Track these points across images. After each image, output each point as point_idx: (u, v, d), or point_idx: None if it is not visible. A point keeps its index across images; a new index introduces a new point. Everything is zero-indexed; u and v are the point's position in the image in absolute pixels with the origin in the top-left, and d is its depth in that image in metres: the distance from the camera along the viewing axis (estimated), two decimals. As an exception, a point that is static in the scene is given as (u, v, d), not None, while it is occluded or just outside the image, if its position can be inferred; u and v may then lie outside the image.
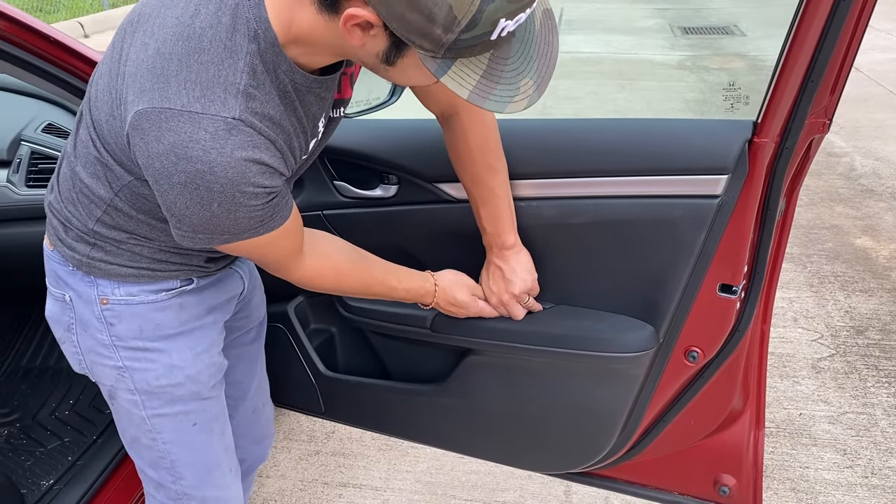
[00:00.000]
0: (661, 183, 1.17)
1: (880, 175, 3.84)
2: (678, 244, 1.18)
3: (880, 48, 6.13)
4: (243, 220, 0.88)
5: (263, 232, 0.92)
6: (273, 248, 0.98)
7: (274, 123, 0.86)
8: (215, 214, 0.85)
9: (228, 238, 0.90)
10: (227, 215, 0.85)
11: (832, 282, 2.91)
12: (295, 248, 1.03)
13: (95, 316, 1.09)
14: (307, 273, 1.07)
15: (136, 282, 1.08)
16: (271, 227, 0.93)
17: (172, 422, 1.16)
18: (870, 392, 2.31)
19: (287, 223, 0.95)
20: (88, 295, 1.09)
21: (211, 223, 0.86)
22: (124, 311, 1.09)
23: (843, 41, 1.02)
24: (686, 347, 1.26)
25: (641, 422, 1.34)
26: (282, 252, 1.01)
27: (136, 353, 1.11)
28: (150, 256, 1.07)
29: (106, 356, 1.12)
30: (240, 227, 0.88)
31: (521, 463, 1.51)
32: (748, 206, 1.15)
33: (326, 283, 1.12)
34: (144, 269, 1.08)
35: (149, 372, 1.12)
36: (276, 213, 0.92)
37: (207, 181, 0.81)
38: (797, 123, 1.08)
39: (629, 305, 1.27)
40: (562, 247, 1.27)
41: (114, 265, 1.07)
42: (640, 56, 6.12)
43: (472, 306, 1.27)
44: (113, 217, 1.02)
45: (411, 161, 1.30)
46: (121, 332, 1.10)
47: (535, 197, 1.25)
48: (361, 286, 1.15)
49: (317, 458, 2.12)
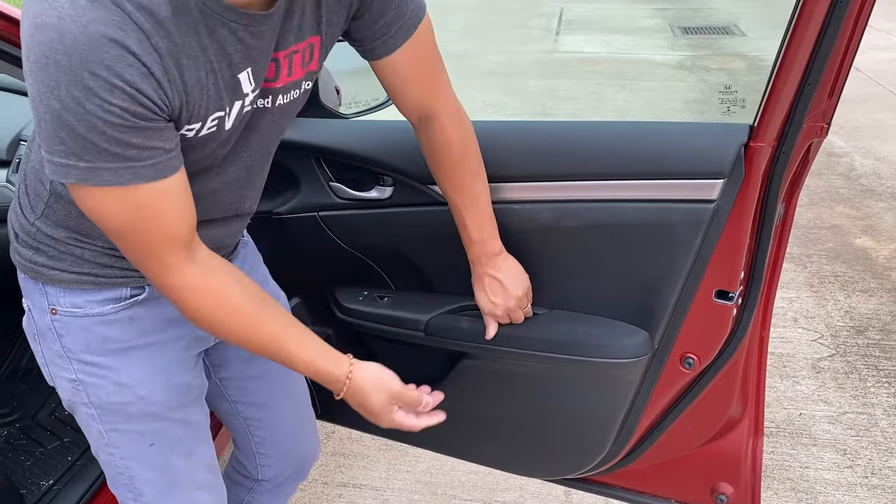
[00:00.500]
0: (656, 187, 1.16)
1: (880, 175, 3.84)
2: (673, 249, 1.17)
3: (880, 48, 6.12)
4: (99, 132, 0.74)
5: (130, 177, 0.77)
6: (147, 217, 0.82)
7: (157, 23, 0.75)
8: (66, 107, 0.72)
9: (88, 167, 0.76)
10: (77, 111, 0.72)
11: (832, 282, 2.91)
12: (178, 234, 0.85)
13: (48, 326, 1.04)
14: (186, 283, 0.89)
15: (79, 289, 1.01)
16: (143, 175, 0.78)
17: (128, 438, 1.08)
18: (870, 392, 2.31)
19: (169, 183, 0.81)
20: (41, 303, 1.03)
21: (62, 125, 0.73)
22: (71, 322, 1.02)
23: (841, 43, 1.00)
24: (682, 354, 1.25)
25: (637, 428, 1.33)
26: (159, 230, 0.84)
27: (87, 367, 1.04)
28: (92, 261, 1.00)
29: (62, 367, 1.05)
30: (97, 145, 0.74)
31: (515, 468, 1.49)
32: (744, 211, 1.13)
33: (203, 310, 0.91)
34: (87, 276, 1.00)
35: (100, 388, 1.05)
36: (149, 153, 0.78)
37: (55, 53, 0.70)
38: (794, 127, 1.06)
39: (624, 311, 1.25)
40: (556, 251, 1.26)
41: (56, 270, 1.00)
42: (640, 56, 6.12)
43: (383, 417, 1.07)
44: (55, 210, 0.97)
45: (406, 162, 1.29)
46: (69, 345, 1.03)
47: (529, 200, 1.24)
48: (247, 335, 0.95)
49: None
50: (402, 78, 1.06)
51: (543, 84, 5.47)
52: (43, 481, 1.71)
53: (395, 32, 1.00)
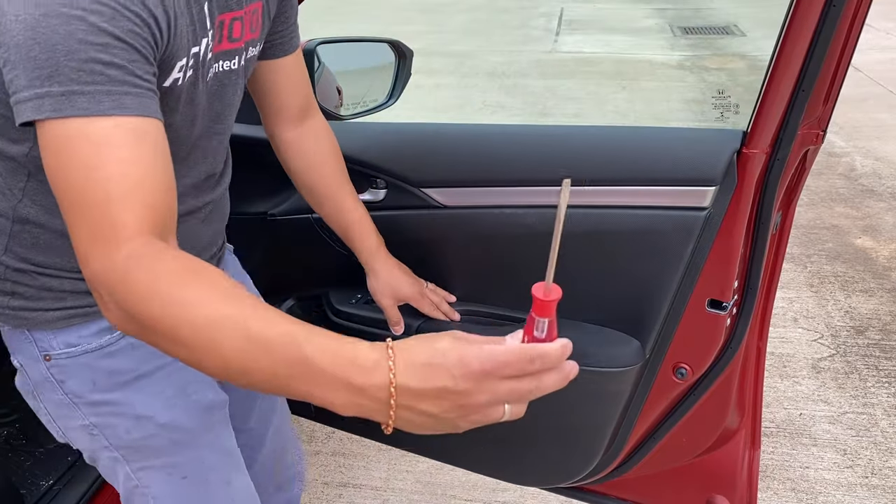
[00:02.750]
0: (647, 193, 1.14)
1: (880, 175, 3.84)
2: (665, 257, 1.15)
3: (880, 48, 6.13)
4: (79, 40, 0.64)
5: (108, 104, 0.66)
6: (114, 160, 0.66)
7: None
8: (48, 10, 0.63)
9: (62, 92, 0.65)
10: (59, 12, 0.64)
11: (832, 282, 2.91)
12: (134, 187, 0.67)
13: (44, 376, 0.94)
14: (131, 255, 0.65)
15: (68, 326, 0.91)
16: (124, 105, 0.67)
17: (160, 475, 0.99)
18: (870, 392, 2.31)
19: (150, 124, 0.69)
20: (31, 353, 0.93)
21: (38, 38, 0.63)
22: (69, 364, 0.93)
23: (836, 47, 0.99)
24: (674, 364, 1.23)
25: (630, 438, 1.31)
26: (125, 181, 0.66)
27: (99, 408, 0.95)
28: (73, 290, 0.90)
29: (71, 416, 0.96)
30: (75, 57, 0.64)
31: (506, 475, 1.48)
32: (737, 219, 1.11)
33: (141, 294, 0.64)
34: (73, 309, 0.91)
35: (118, 427, 0.95)
36: (133, 80, 0.68)
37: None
38: (788, 134, 1.04)
39: (615, 319, 1.23)
40: (546, 257, 1.26)
41: (38, 311, 0.90)
42: (640, 56, 6.12)
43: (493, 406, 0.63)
44: (21, 240, 0.87)
45: (399, 166, 1.28)
46: (74, 389, 0.94)
47: (518, 205, 1.22)
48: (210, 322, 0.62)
49: (317, 458, 2.12)
50: (294, 80, 1.11)
51: (543, 84, 5.47)
52: (43, 481, 1.71)
53: (294, 34, 1.08)
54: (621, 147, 1.19)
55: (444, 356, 0.60)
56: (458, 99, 5.20)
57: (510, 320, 1.30)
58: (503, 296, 1.31)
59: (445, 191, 1.25)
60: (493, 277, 1.30)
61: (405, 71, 1.64)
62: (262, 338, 0.61)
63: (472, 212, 1.26)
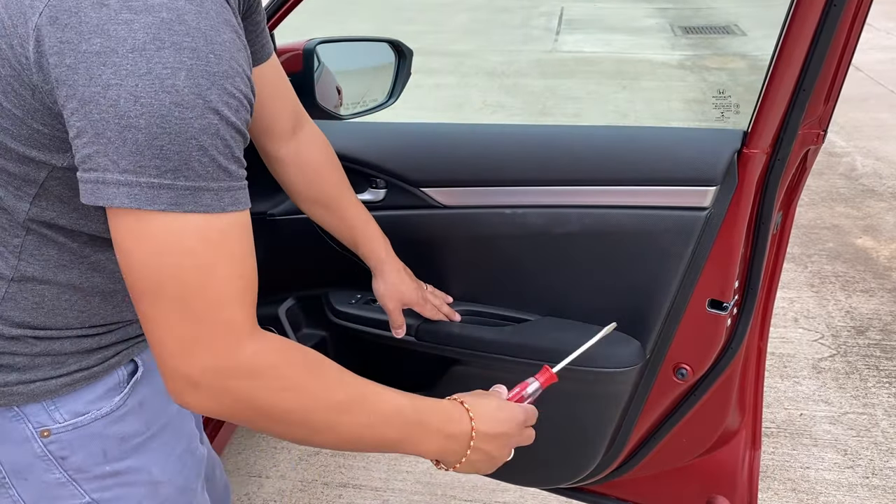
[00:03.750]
0: (648, 193, 1.14)
1: (881, 175, 3.84)
2: (665, 257, 1.15)
3: (880, 48, 6.12)
4: (212, 136, 0.60)
5: (229, 202, 0.62)
6: (230, 252, 0.64)
7: None
8: (181, 101, 0.58)
9: (188, 188, 0.60)
10: (195, 104, 0.59)
11: (833, 282, 2.91)
12: (253, 283, 0.67)
13: (37, 455, 0.80)
14: (263, 356, 0.67)
15: (73, 391, 0.80)
16: (240, 200, 0.64)
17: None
18: (870, 392, 2.31)
19: (244, 219, 0.66)
20: (16, 434, 0.79)
21: (167, 128, 0.58)
22: (75, 437, 0.81)
23: (837, 47, 0.98)
24: (675, 364, 1.22)
25: (630, 438, 1.31)
26: (238, 277, 0.65)
27: (107, 481, 0.84)
28: (75, 351, 0.80)
29: (65, 497, 0.83)
30: (208, 154, 0.60)
31: (506, 476, 1.47)
32: (738, 219, 1.11)
33: (274, 388, 0.68)
34: (77, 372, 0.80)
35: (128, 499, 0.86)
36: (243, 172, 0.65)
37: (174, 35, 0.58)
38: (789, 134, 1.04)
39: (615, 319, 1.22)
40: (547, 257, 1.25)
41: (36, 382, 0.78)
42: (640, 56, 6.12)
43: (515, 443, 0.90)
44: (17, 302, 0.76)
45: (398, 165, 1.28)
46: (78, 464, 0.82)
47: (519, 205, 1.22)
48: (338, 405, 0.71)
49: (317, 459, 2.12)
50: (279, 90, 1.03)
51: (543, 84, 5.47)
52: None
53: (267, 41, 0.98)
54: (621, 147, 1.19)
55: (506, 409, 0.87)
56: (458, 98, 5.20)
57: (510, 320, 1.30)
58: (503, 296, 1.31)
59: (445, 191, 1.25)
60: (493, 277, 1.30)
61: (405, 71, 1.64)
62: (381, 413, 0.74)
63: (472, 212, 1.26)
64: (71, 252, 0.76)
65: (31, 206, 0.72)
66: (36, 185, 0.70)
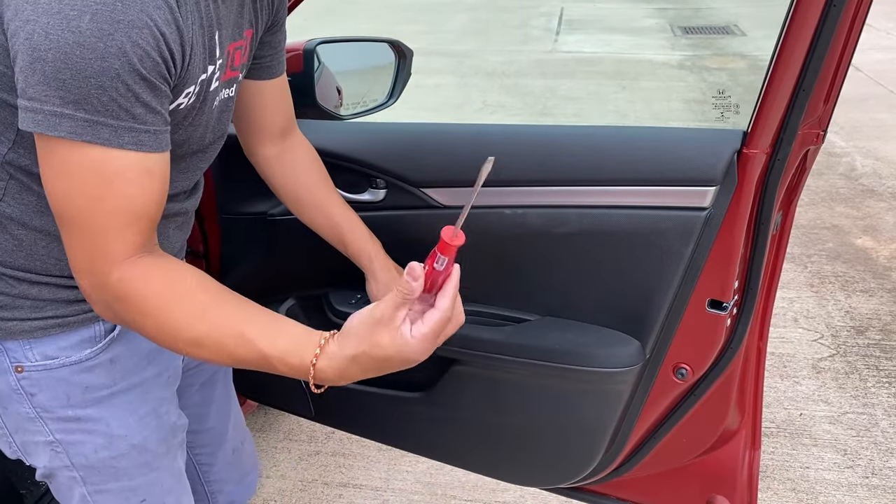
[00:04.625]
0: (648, 193, 1.14)
1: (881, 175, 3.84)
2: (665, 257, 1.15)
3: (880, 48, 6.12)
4: (113, 77, 0.65)
5: (128, 140, 0.68)
6: (118, 194, 0.70)
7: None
8: (83, 41, 0.63)
9: (86, 120, 0.66)
10: (96, 47, 0.63)
11: (833, 282, 2.91)
12: (145, 218, 0.74)
13: (12, 387, 0.90)
14: (137, 272, 0.74)
15: (46, 336, 0.88)
16: (142, 142, 0.70)
17: (117, 498, 0.97)
18: (870, 392, 2.31)
19: (157, 160, 0.72)
20: (1, 365, 0.89)
21: (70, 63, 0.63)
22: (44, 378, 0.89)
23: (837, 47, 0.99)
24: (674, 364, 1.23)
25: (630, 438, 1.31)
26: (126, 210, 0.72)
27: (68, 424, 0.92)
28: (53, 299, 0.87)
29: (34, 431, 0.92)
30: (106, 93, 0.65)
31: (507, 476, 1.48)
32: (738, 219, 1.11)
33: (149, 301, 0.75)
34: (52, 318, 0.88)
35: (85, 445, 0.93)
36: (153, 119, 0.70)
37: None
38: (789, 134, 1.04)
39: (615, 319, 1.23)
40: (547, 257, 1.25)
41: (14, 321, 0.87)
42: (640, 56, 6.12)
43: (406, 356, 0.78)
44: (0, 241, 0.84)
45: (398, 165, 1.28)
46: (44, 403, 0.90)
47: (519, 205, 1.22)
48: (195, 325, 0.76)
49: (317, 459, 2.12)
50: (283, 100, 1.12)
51: (543, 84, 5.47)
52: (43, 482, 1.71)
53: (283, 60, 1.09)
54: (621, 147, 1.19)
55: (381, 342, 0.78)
56: (458, 99, 5.20)
57: (509, 320, 1.30)
58: (502, 295, 1.31)
59: (445, 191, 1.25)
60: (493, 277, 1.30)
61: (405, 71, 1.64)
62: (233, 356, 0.77)
63: (473, 212, 1.26)
64: (46, 200, 0.79)
65: (8, 151, 0.79)
66: (13, 129, 0.77)
